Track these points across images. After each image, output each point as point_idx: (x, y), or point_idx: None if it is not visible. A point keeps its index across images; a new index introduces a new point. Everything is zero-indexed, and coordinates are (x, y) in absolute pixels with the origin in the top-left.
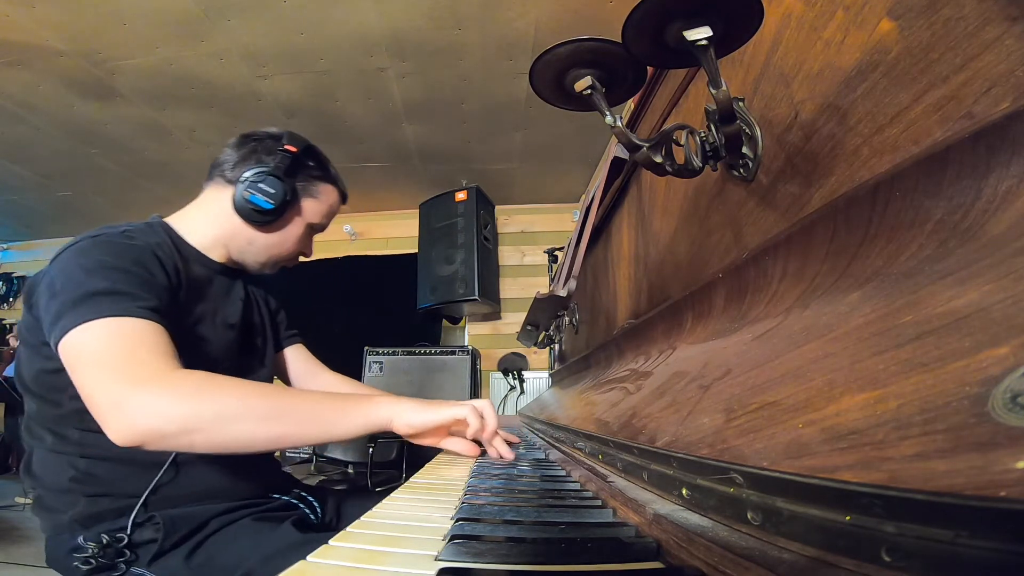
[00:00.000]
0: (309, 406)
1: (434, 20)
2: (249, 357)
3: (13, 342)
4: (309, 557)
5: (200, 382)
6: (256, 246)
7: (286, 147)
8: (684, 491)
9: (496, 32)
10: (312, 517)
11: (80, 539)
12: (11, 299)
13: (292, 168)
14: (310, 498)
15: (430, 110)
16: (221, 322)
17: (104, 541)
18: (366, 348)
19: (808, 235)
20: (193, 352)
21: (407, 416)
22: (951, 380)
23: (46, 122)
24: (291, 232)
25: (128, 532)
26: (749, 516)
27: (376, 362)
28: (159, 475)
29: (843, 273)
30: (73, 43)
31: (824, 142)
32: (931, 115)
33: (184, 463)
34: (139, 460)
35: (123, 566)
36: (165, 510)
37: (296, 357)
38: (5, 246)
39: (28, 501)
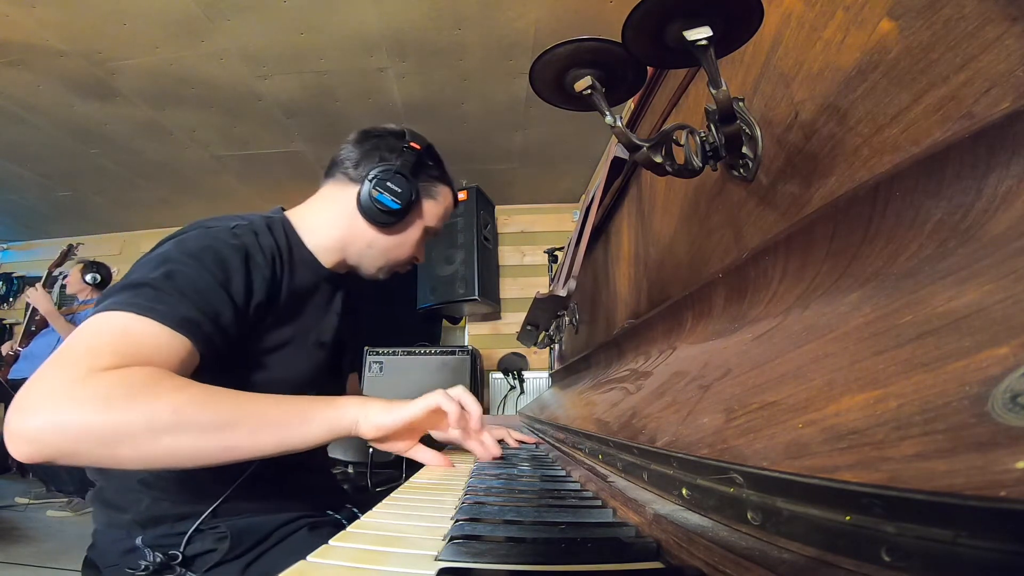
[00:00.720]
0: (262, 412)
1: (434, 20)
2: (329, 376)
3: (12, 344)
4: (309, 557)
5: (134, 387)
6: (375, 249)
7: (410, 144)
8: (684, 491)
9: (496, 32)
10: None
11: (139, 540)
12: (11, 299)
13: (416, 167)
14: (360, 516)
15: (430, 110)
16: (314, 341)
17: (162, 557)
18: (366, 348)
19: (808, 235)
20: (274, 378)
21: (374, 417)
22: (951, 380)
23: (46, 122)
24: (411, 235)
25: (186, 541)
26: (749, 516)
27: (376, 362)
28: (232, 487)
29: (843, 273)
30: (73, 43)
31: (824, 142)
32: (931, 115)
33: (253, 474)
34: (211, 470)
35: (177, 568)
36: (230, 519)
37: (351, 385)
38: (5, 246)
39: (28, 501)
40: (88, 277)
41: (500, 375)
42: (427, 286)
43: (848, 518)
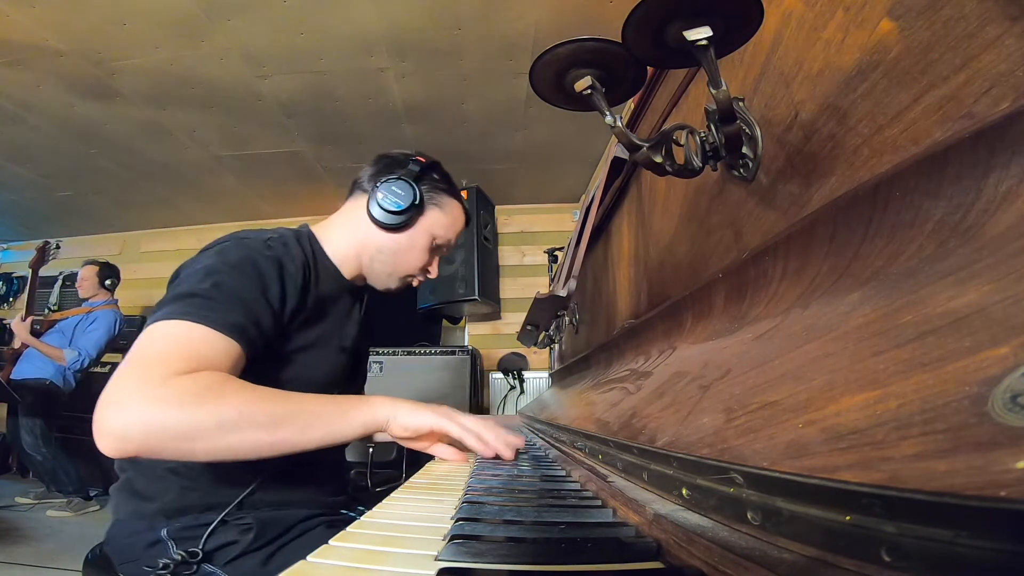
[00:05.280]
0: (310, 410)
1: (434, 20)
2: (351, 383)
3: (16, 343)
4: (309, 557)
5: (202, 390)
6: (385, 253)
7: (416, 158)
8: (684, 491)
9: (496, 32)
10: None
11: (163, 532)
12: (11, 299)
13: (420, 176)
14: None
15: (430, 110)
16: (336, 345)
17: (178, 557)
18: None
19: (808, 235)
20: (296, 375)
21: (402, 419)
22: (951, 380)
23: (46, 122)
24: (416, 239)
25: (212, 532)
26: (749, 516)
27: (376, 362)
28: (259, 479)
29: (843, 273)
30: (73, 43)
31: (824, 142)
32: (931, 115)
33: (279, 470)
34: (241, 462)
35: (195, 565)
36: (255, 511)
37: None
38: (5, 246)
39: (28, 501)
40: (107, 282)
41: (500, 375)
42: (427, 286)
43: (848, 518)
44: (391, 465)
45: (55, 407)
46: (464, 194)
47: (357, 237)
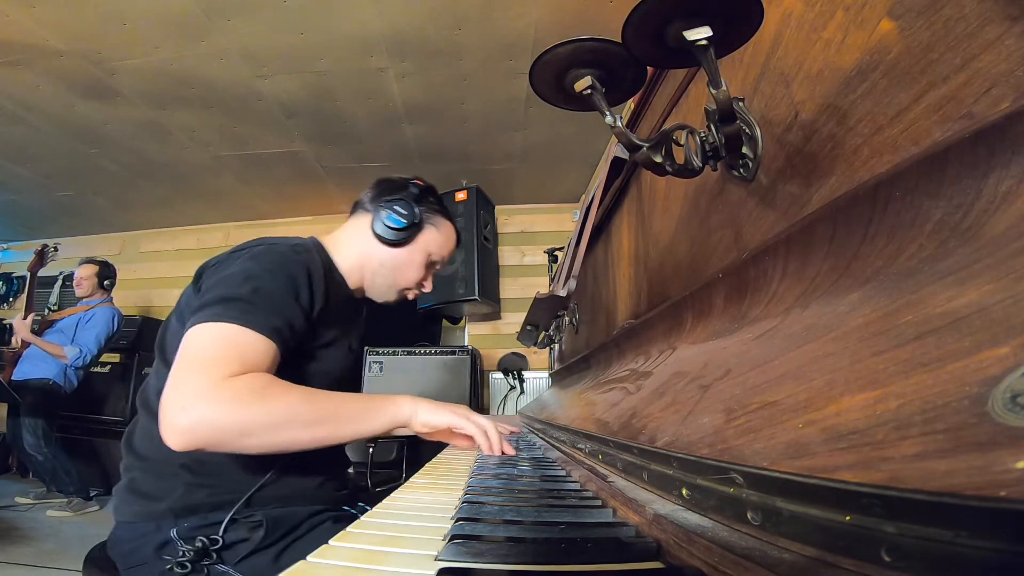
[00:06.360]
0: (344, 408)
1: (434, 20)
2: (355, 382)
3: (16, 341)
4: (309, 557)
5: (255, 391)
6: (386, 267)
7: (415, 181)
8: (684, 491)
9: (496, 32)
10: None
11: (173, 532)
12: (11, 299)
13: (420, 197)
14: None
15: (430, 110)
16: (347, 346)
17: (200, 545)
18: (366, 348)
19: (808, 235)
20: (315, 371)
21: (423, 416)
22: (951, 380)
23: (46, 122)
24: (415, 255)
25: (223, 530)
26: (749, 516)
27: (376, 362)
28: (266, 476)
29: (843, 273)
30: (73, 43)
31: (824, 142)
32: (931, 115)
33: (285, 465)
34: (247, 457)
35: (215, 554)
36: (264, 508)
37: None
38: (5, 246)
39: (28, 501)
40: (106, 282)
41: (500, 375)
42: None
43: (848, 518)
44: (391, 465)
45: (56, 407)
46: (464, 194)
47: (360, 252)
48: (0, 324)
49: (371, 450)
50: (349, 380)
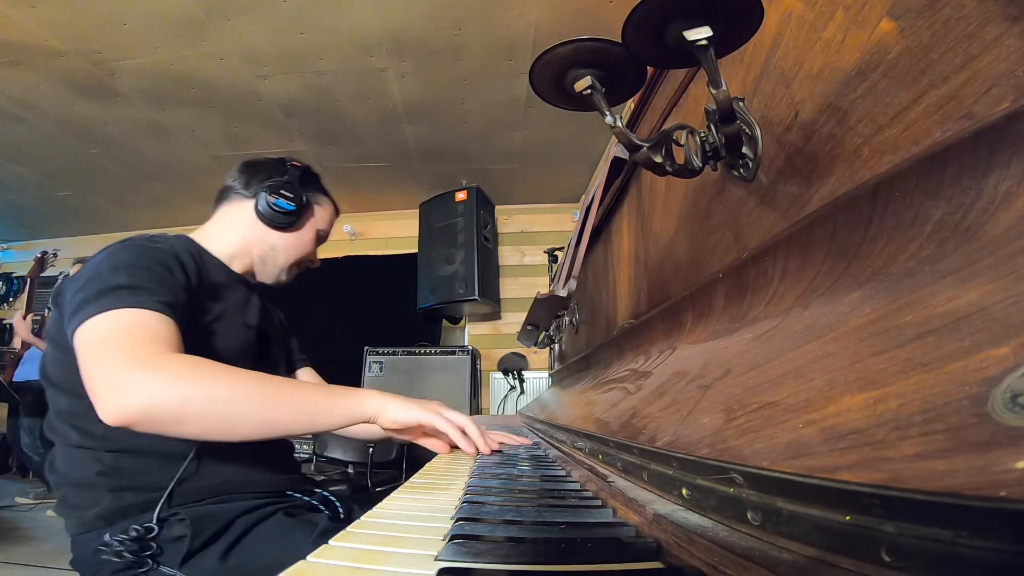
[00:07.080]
0: (298, 395)
1: (434, 20)
2: (264, 364)
3: (16, 342)
4: (309, 557)
5: (194, 366)
6: (278, 250)
7: (293, 164)
8: (684, 491)
9: (496, 32)
10: (340, 518)
11: (107, 536)
12: (11, 299)
13: (302, 179)
14: (333, 500)
15: (430, 110)
16: (240, 322)
17: (132, 534)
18: (366, 348)
19: (808, 235)
20: (212, 346)
21: (391, 412)
22: (951, 380)
23: (46, 122)
24: (306, 235)
25: (157, 528)
26: (749, 516)
27: (376, 362)
28: (183, 466)
29: (843, 273)
30: (73, 43)
31: (824, 142)
32: (931, 115)
33: (206, 456)
34: (162, 452)
35: (149, 561)
36: (190, 506)
37: (306, 379)
38: (5, 246)
39: (28, 501)
40: None
41: (500, 375)
42: (427, 286)
43: (848, 518)
44: (391, 465)
45: None
46: (464, 194)
47: (243, 238)
48: (0, 324)
49: (371, 450)
50: (260, 362)
